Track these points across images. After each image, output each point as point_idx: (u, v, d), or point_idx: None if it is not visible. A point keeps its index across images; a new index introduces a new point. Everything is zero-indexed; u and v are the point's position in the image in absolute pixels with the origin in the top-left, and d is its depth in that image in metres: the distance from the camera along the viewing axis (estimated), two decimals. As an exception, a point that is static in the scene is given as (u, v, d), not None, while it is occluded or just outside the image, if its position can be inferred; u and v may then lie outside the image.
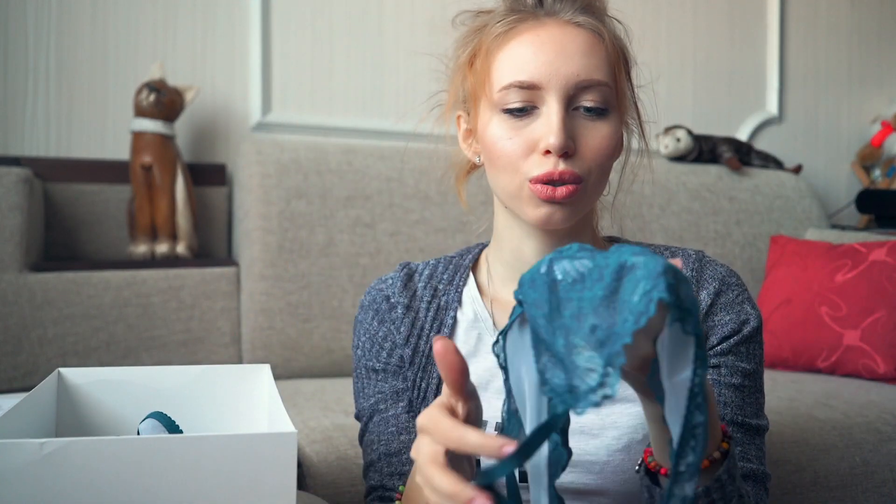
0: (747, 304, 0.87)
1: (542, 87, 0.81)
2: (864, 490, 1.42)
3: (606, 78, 0.83)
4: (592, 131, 0.82)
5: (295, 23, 2.10)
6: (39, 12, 1.90)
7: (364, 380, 0.93)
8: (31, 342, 1.61)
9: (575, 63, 0.81)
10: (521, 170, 0.82)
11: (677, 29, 2.53)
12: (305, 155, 1.85)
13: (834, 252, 2.00)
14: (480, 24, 0.88)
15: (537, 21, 0.84)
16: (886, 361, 1.79)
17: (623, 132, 0.87)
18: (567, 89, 0.81)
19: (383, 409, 0.90)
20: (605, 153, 0.83)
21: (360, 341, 0.94)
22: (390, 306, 0.93)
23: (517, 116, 0.82)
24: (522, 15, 0.85)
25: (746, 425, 0.83)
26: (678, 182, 2.22)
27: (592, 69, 0.82)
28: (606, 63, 0.83)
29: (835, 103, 2.77)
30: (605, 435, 0.83)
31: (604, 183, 0.86)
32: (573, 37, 0.83)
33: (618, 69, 0.85)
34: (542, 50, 0.82)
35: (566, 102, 0.81)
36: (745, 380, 0.84)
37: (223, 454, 0.60)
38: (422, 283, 0.94)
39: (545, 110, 0.81)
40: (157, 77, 1.83)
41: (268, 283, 1.75)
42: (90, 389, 0.85)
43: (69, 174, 1.85)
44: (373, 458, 0.90)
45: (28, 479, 0.57)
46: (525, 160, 0.82)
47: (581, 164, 0.81)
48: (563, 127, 0.80)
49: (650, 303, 0.50)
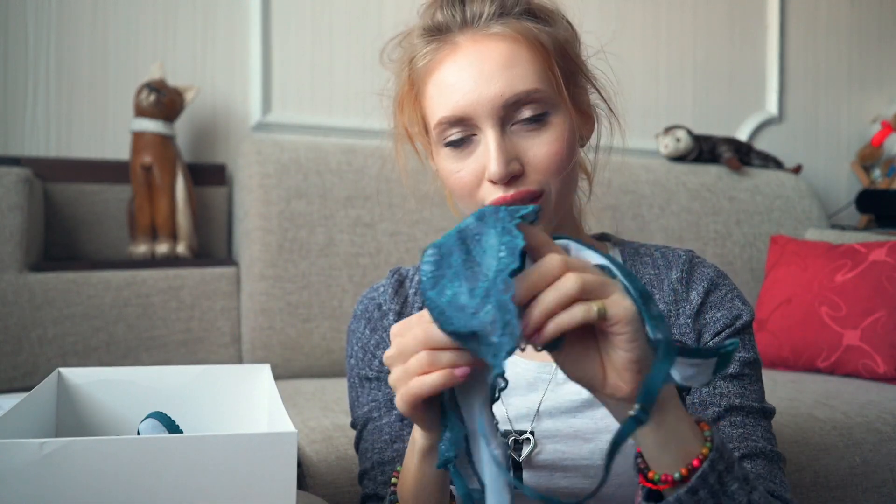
0: (738, 300, 0.88)
1: (472, 117, 0.80)
2: (864, 490, 1.42)
3: (535, 83, 0.80)
4: (536, 142, 0.80)
5: (295, 23, 2.10)
6: (39, 12, 1.90)
7: (358, 389, 0.93)
8: (31, 342, 1.61)
9: (496, 83, 0.79)
10: (476, 198, 0.82)
11: (677, 29, 2.53)
12: (305, 155, 1.85)
13: (834, 252, 2.00)
14: (406, 57, 0.87)
15: (453, 45, 0.82)
16: (886, 361, 1.79)
17: (574, 127, 0.83)
18: (495, 112, 0.79)
19: (377, 418, 0.90)
20: (554, 161, 0.80)
21: (353, 350, 0.94)
22: (382, 314, 0.93)
23: (459, 147, 0.82)
24: (439, 41, 0.83)
25: (749, 408, 0.83)
26: (678, 182, 2.22)
27: (517, 82, 0.79)
28: (533, 66, 0.80)
29: (835, 103, 2.77)
30: (598, 439, 0.83)
31: (569, 184, 0.84)
32: (489, 53, 0.80)
33: (549, 65, 0.81)
34: (461, 78, 0.80)
35: (500, 124, 0.79)
36: (743, 368, 0.85)
37: (223, 454, 0.60)
38: (412, 289, 0.94)
39: (482, 137, 0.80)
40: (157, 77, 1.83)
41: (268, 283, 1.75)
42: (90, 389, 0.85)
43: (69, 174, 1.85)
44: (367, 467, 0.90)
45: (28, 479, 0.57)
46: (478, 189, 0.82)
47: (534, 178, 0.80)
48: (501, 153, 0.78)
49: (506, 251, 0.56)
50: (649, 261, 0.91)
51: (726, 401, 0.83)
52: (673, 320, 0.87)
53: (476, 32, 0.81)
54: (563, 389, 0.85)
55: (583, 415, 0.83)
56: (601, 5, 2.41)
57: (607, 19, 2.41)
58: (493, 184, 0.80)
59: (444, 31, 0.83)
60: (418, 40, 0.85)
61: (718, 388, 0.84)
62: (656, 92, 2.51)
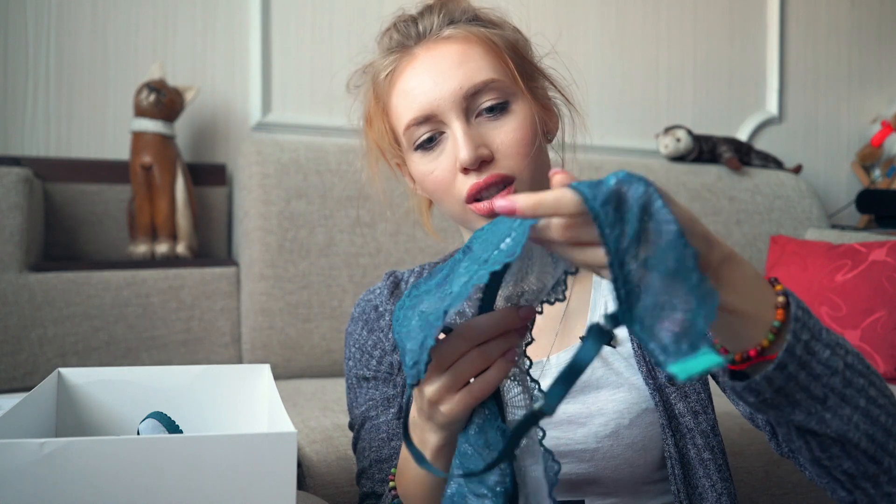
0: None
1: (437, 113, 0.84)
2: (864, 490, 1.42)
3: (491, 74, 0.84)
4: (501, 129, 0.84)
5: (295, 23, 2.10)
6: (39, 12, 1.90)
7: (356, 389, 0.94)
8: (31, 342, 1.61)
9: (454, 78, 0.84)
10: (453, 194, 0.85)
11: (677, 29, 2.53)
12: (305, 155, 1.85)
13: (834, 252, 2.00)
14: (370, 76, 0.93)
15: (411, 56, 0.87)
16: (886, 361, 1.79)
17: (535, 114, 0.87)
18: (457, 104, 0.83)
19: (374, 416, 0.91)
20: (521, 143, 0.84)
21: (350, 352, 0.96)
22: (378, 315, 0.95)
23: (429, 148, 0.86)
24: (397, 56, 0.88)
25: None
26: (678, 182, 2.22)
27: (473, 74, 0.84)
28: (486, 60, 0.85)
29: (835, 103, 2.77)
30: (591, 423, 0.83)
31: (542, 171, 0.86)
32: (444, 53, 0.85)
33: (502, 59, 0.86)
34: (421, 81, 0.85)
35: (464, 115, 0.84)
36: None
37: (223, 454, 0.60)
38: None
39: (450, 132, 0.84)
40: (157, 77, 1.83)
41: (268, 283, 1.75)
42: (90, 389, 0.85)
43: (69, 174, 1.85)
44: (364, 466, 0.91)
45: (28, 479, 0.57)
46: (453, 183, 0.85)
47: (504, 163, 0.83)
48: (469, 139, 0.82)
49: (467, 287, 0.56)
50: None
51: None
52: None
53: (429, 41, 0.87)
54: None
55: (576, 400, 0.84)
56: (601, 5, 2.41)
57: (607, 19, 2.41)
58: (466, 172, 0.83)
59: (401, 48, 0.89)
60: (379, 61, 0.91)
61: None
62: (656, 92, 2.51)
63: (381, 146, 0.95)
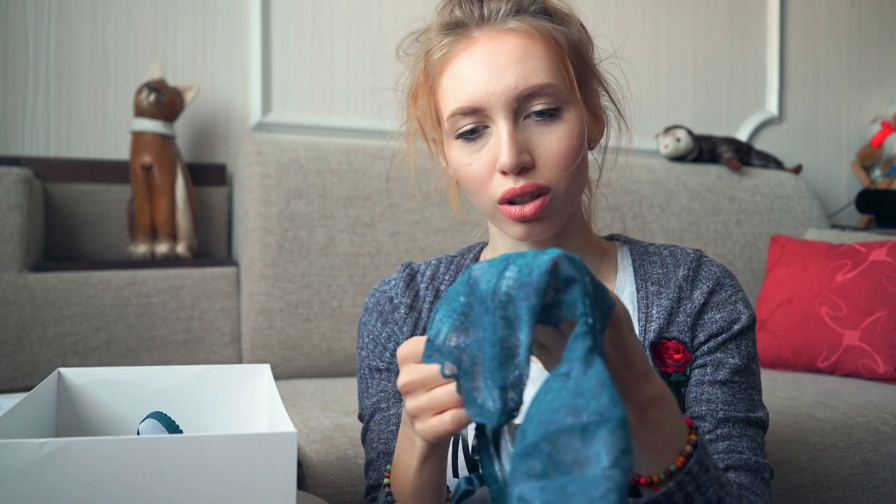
0: (740, 303, 0.88)
1: (485, 108, 0.81)
2: (864, 490, 1.42)
3: (548, 78, 0.81)
4: (548, 137, 0.81)
5: (295, 23, 2.10)
6: (39, 12, 1.90)
7: (368, 380, 0.94)
8: (31, 342, 1.61)
9: (510, 75, 0.80)
10: (487, 191, 0.83)
11: (677, 29, 2.53)
12: (305, 155, 1.85)
13: (834, 252, 2.00)
14: (423, 50, 0.88)
15: (469, 39, 0.83)
16: (886, 361, 1.79)
17: (585, 125, 0.84)
18: (508, 104, 0.80)
19: (385, 408, 0.91)
20: (565, 156, 0.81)
21: (363, 342, 0.95)
22: (393, 307, 0.94)
23: (471, 140, 0.83)
24: (456, 35, 0.84)
25: (734, 419, 0.83)
26: (678, 182, 2.22)
27: (530, 75, 0.80)
28: (546, 61, 0.81)
29: (835, 103, 2.77)
30: None
31: (578, 184, 0.85)
32: (504, 47, 0.81)
33: (563, 62, 0.82)
34: (476, 70, 0.81)
35: (513, 116, 0.81)
36: (733, 375, 0.84)
37: (223, 454, 0.60)
38: (424, 284, 0.95)
39: (495, 129, 0.82)
40: (157, 77, 1.83)
41: (268, 283, 1.75)
42: (90, 389, 0.85)
43: (69, 174, 1.85)
44: (372, 457, 0.90)
45: (28, 479, 0.57)
46: (489, 181, 0.82)
47: (544, 173, 0.81)
48: (513, 144, 0.79)
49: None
50: (657, 259, 0.91)
51: (714, 411, 0.83)
52: (674, 317, 0.87)
53: (492, 28, 0.83)
54: None
55: None
56: (601, 5, 2.41)
57: (607, 19, 2.41)
58: (504, 175, 0.81)
59: (461, 27, 0.84)
60: (435, 35, 0.86)
61: (707, 393, 0.84)
62: (656, 92, 2.51)
63: (422, 124, 0.91)
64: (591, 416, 0.49)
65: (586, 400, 0.50)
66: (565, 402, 0.51)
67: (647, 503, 0.66)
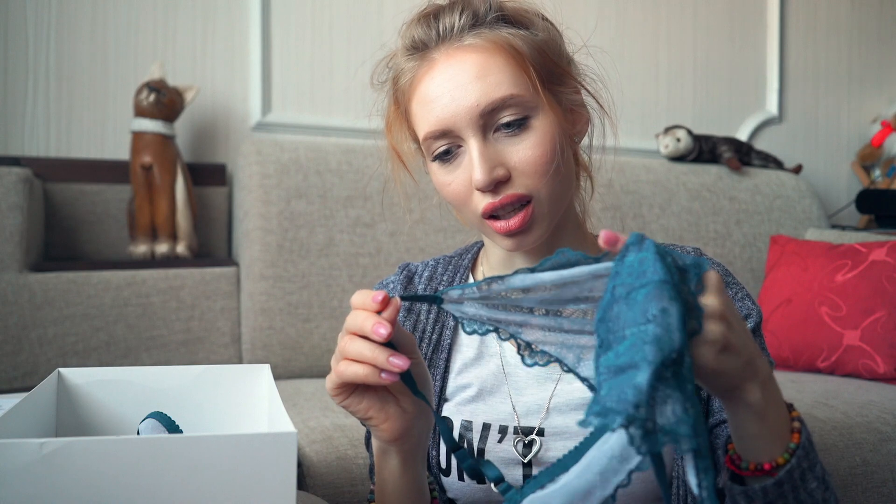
0: (747, 299, 0.88)
1: (453, 129, 0.81)
2: (864, 490, 1.42)
3: (510, 89, 0.80)
4: (519, 147, 0.81)
5: (295, 23, 2.10)
6: (39, 12, 1.90)
7: None
8: (31, 342, 1.61)
9: (471, 93, 0.79)
10: (470, 207, 0.83)
11: (677, 29, 2.53)
12: (305, 155, 1.85)
13: (834, 252, 2.00)
14: (391, 77, 0.89)
15: (430, 62, 0.83)
16: (886, 361, 1.79)
17: (559, 126, 0.83)
18: (474, 122, 0.80)
19: None
20: (540, 162, 0.80)
21: None
22: None
23: (447, 161, 0.83)
24: (417, 59, 0.84)
25: None
26: (678, 182, 2.22)
27: (491, 90, 0.79)
28: (507, 73, 0.80)
29: (835, 103, 2.77)
30: None
31: (561, 187, 0.83)
32: (462, 64, 0.81)
33: (525, 69, 0.81)
34: (439, 93, 0.81)
35: (481, 132, 0.80)
36: None
37: (223, 454, 0.60)
38: (422, 285, 0.95)
39: (466, 147, 0.82)
40: (157, 77, 1.83)
41: (268, 283, 1.75)
42: (90, 389, 0.85)
43: (69, 174, 1.85)
44: (372, 462, 0.90)
45: (28, 479, 0.57)
46: (470, 198, 0.83)
47: (521, 182, 0.81)
48: (484, 161, 0.79)
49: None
50: None
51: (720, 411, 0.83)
52: None
53: (450, 46, 0.82)
54: (573, 386, 0.85)
55: (579, 435, 0.83)
56: (601, 5, 2.41)
57: (607, 19, 2.41)
58: (482, 192, 0.81)
59: (421, 49, 0.84)
60: (401, 58, 0.87)
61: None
62: (656, 92, 2.51)
63: (398, 150, 0.92)
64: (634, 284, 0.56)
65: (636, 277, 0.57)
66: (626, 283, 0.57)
67: (771, 486, 0.67)
